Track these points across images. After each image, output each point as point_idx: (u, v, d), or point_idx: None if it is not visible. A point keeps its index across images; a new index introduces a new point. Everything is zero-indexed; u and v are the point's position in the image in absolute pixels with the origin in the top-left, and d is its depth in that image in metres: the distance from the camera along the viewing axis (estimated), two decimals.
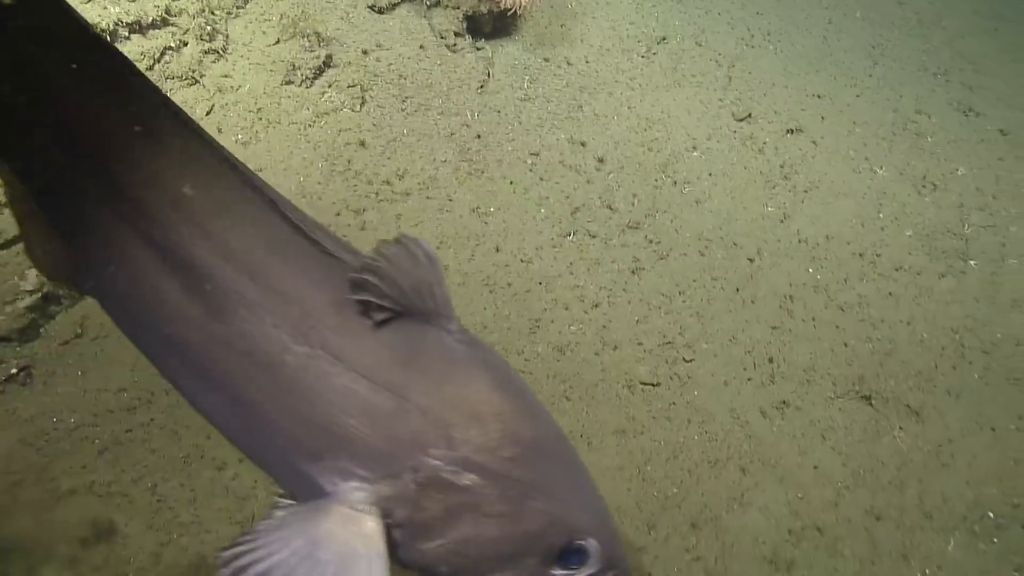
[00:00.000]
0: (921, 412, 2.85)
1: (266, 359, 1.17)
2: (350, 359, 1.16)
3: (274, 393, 1.17)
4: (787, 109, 3.76)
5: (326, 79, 3.31)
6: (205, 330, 1.18)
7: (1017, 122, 4.01)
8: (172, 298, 1.19)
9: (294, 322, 1.16)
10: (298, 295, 1.18)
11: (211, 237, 1.18)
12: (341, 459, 1.15)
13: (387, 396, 1.15)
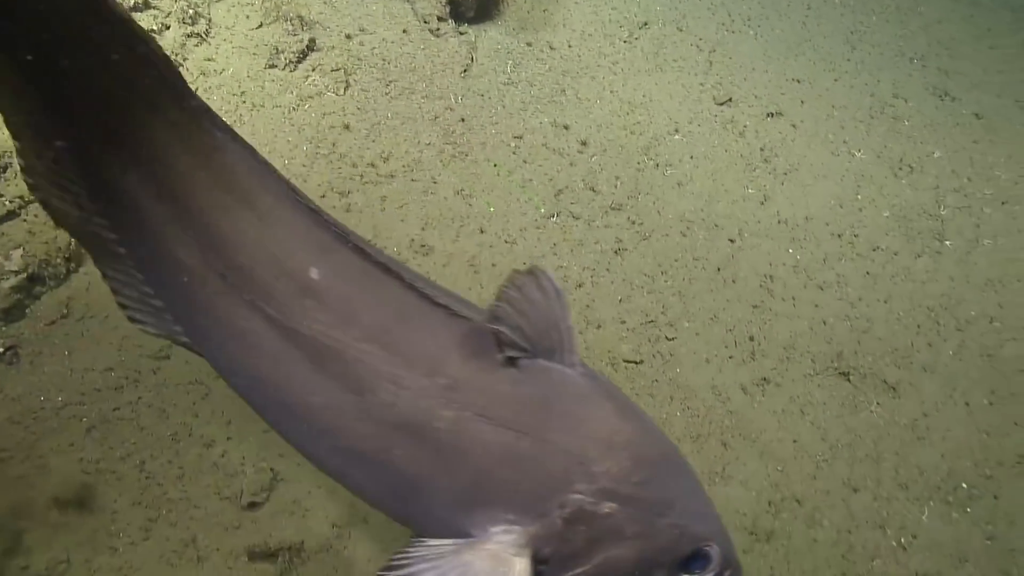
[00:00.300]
0: (897, 387, 2.92)
1: (415, 427, 1.20)
2: (495, 414, 1.20)
3: (424, 457, 1.21)
4: (767, 93, 3.81)
5: (310, 63, 3.32)
6: (346, 406, 1.20)
7: (991, 106, 4.08)
8: (305, 376, 1.21)
9: (439, 390, 1.20)
10: (438, 362, 1.21)
11: (345, 318, 1.20)
12: (492, 508, 1.20)
13: (531, 442, 1.20)
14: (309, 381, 1.21)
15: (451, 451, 1.20)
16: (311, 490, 2.26)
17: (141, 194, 1.29)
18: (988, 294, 3.30)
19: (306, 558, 2.15)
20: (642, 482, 1.23)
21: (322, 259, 1.21)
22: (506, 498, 1.20)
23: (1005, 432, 2.89)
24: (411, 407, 1.19)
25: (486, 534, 1.19)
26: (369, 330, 1.20)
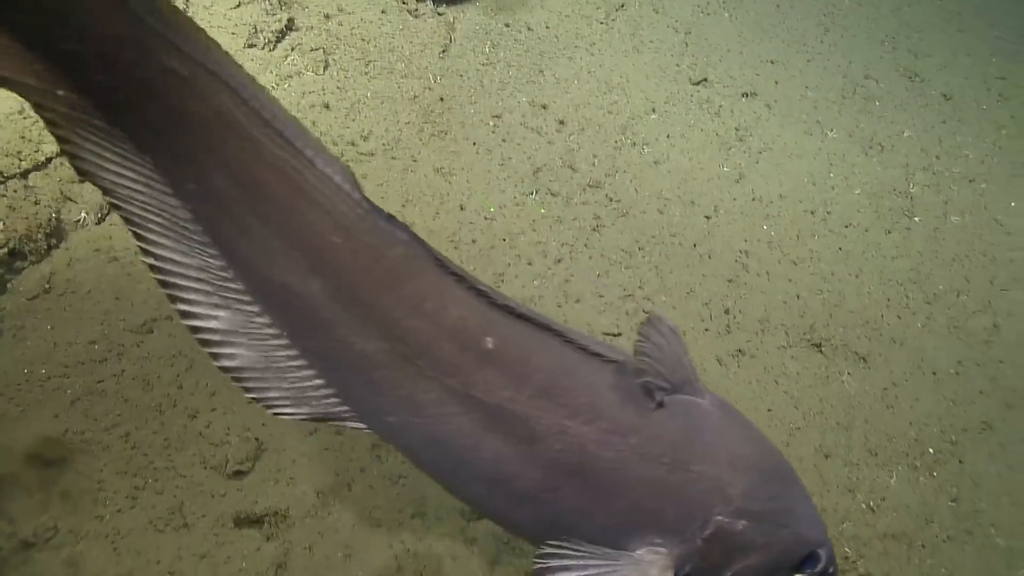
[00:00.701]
0: (868, 358, 3.00)
1: (579, 470, 1.34)
2: (647, 451, 1.34)
3: (585, 494, 1.35)
4: (742, 74, 3.87)
5: (288, 42, 3.33)
6: (518, 457, 1.33)
7: (959, 87, 4.17)
8: (481, 434, 1.33)
9: (600, 434, 1.33)
10: (597, 410, 1.34)
11: (518, 379, 1.32)
12: (642, 533, 1.35)
13: (677, 472, 1.35)
14: (484, 439, 1.34)
15: (609, 487, 1.35)
16: (296, 459, 2.30)
17: (300, 283, 1.32)
18: (955, 269, 3.40)
19: (292, 524, 2.19)
20: (768, 498, 1.40)
21: (493, 329, 1.32)
22: (654, 524, 1.36)
23: (970, 400, 2.99)
24: (576, 452, 1.33)
25: (634, 556, 1.35)
26: (538, 387, 1.33)
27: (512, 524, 1.48)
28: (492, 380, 1.31)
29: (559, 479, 1.34)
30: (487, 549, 2.30)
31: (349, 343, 1.32)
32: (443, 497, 2.35)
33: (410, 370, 1.32)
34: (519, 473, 1.33)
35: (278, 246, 1.28)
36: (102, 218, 2.65)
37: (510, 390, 1.31)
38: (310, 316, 1.32)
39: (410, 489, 2.34)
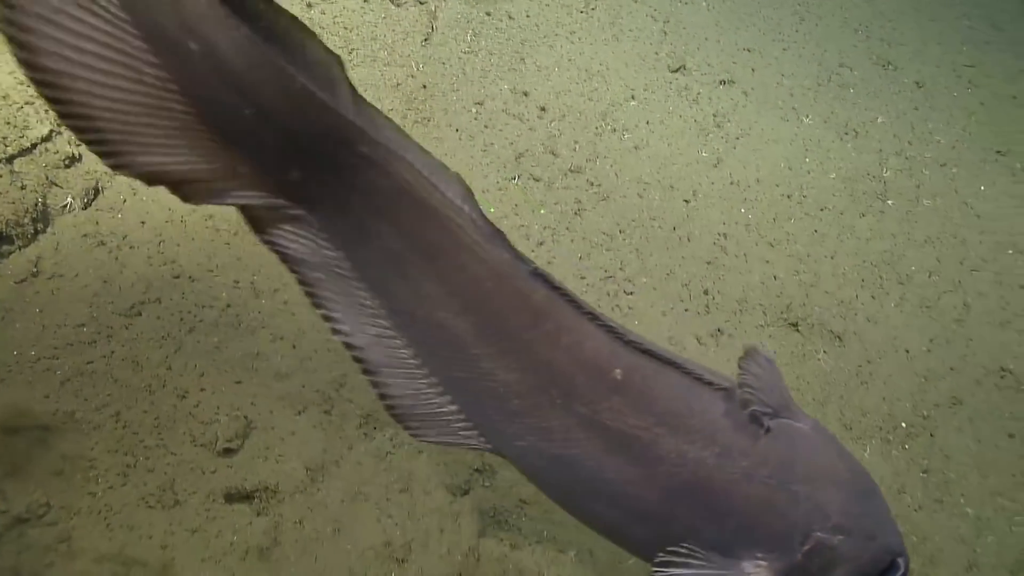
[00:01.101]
0: (843, 337, 3.08)
1: (695, 491, 1.46)
2: (755, 472, 1.47)
3: (698, 513, 1.48)
4: (719, 62, 3.94)
5: None
6: (639, 479, 1.46)
7: (931, 75, 4.27)
8: (606, 458, 1.46)
9: (714, 458, 1.46)
10: (711, 435, 1.46)
11: (643, 407, 1.44)
12: (747, 549, 1.48)
13: (783, 492, 1.48)
14: (608, 461, 1.47)
15: (721, 506, 1.48)
16: (284, 437, 2.34)
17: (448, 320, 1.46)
18: (927, 250, 3.49)
19: (282, 499, 2.23)
20: (858, 513, 1.52)
21: (621, 362, 1.45)
22: (760, 540, 1.49)
23: (941, 376, 3.08)
24: (691, 474, 1.46)
25: (739, 570, 1.48)
26: (659, 414, 1.45)
27: (628, 540, 1.61)
28: (618, 408, 1.44)
29: (675, 499, 1.48)
30: (473, 523, 2.35)
31: (491, 374, 1.47)
32: (430, 473, 2.40)
33: (544, 399, 1.46)
34: (639, 493, 1.48)
35: (436, 290, 1.44)
36: (88, 203, 2.67)
37: (634, 417, 1.45)
38: (458, 350, 1.47)
39: (397, 465, 2.39)
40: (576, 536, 2.39)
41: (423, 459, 2.42)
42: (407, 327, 1.49)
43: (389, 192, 1.38)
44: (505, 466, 2.46)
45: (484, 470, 2.45)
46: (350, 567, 2.18)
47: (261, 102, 1.29)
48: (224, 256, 2.68)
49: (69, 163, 2.71)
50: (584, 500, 1.56)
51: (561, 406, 1.45)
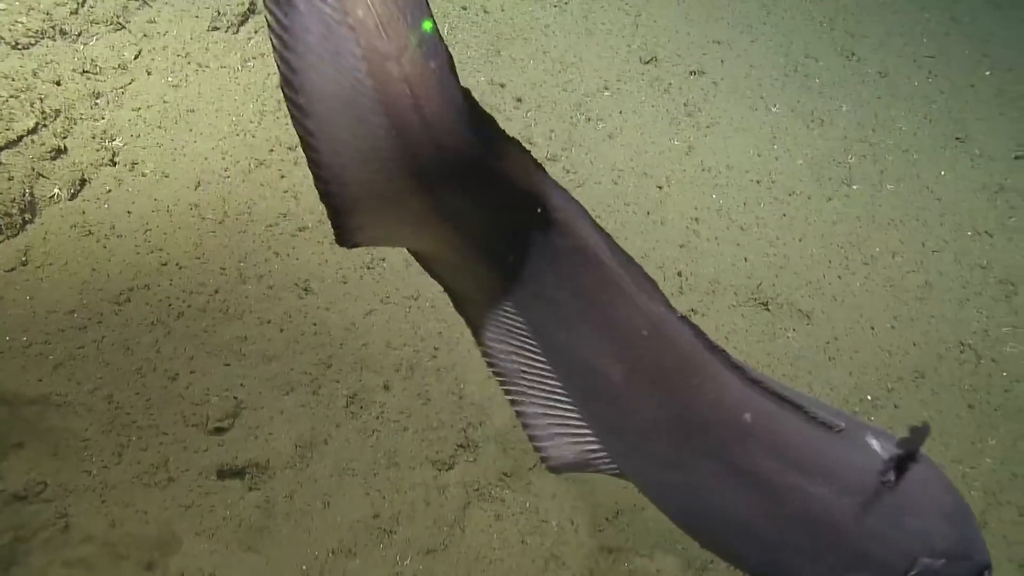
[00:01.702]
0: (811, 315, 3.20)
1: (816, 524, 1.57)
2: (872, 506, 1.56)
3: (820, 544, 1.58)
4: (689, 53, 4.06)
5: (251, 25, 3.42)
6: (766, 514, 1.58)
7: (893, 65, 4.42)
8: (735, 495, 1.58)
9: (834, 494, 1.55)
10: (831, 473, 1.56)
11: (770, 448, 1.55)
12: (855, 572, 1.59)
13: (895, 523, 1.58)
14: (735, 496, 1.59)
15: (839, 538, 1.58)
16: (273, 416, 2.41)
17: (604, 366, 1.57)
18: (891, 232, 3.63)
19: (272, 475, 2.30)
20: (958, 538, 1.63)
21: (750, 405, 1.55)
22: (872, 568, 1.60)
23: (905, 351, 3.21)
24: (812, 509, 1.57)
25: None
26: (782, 454, 1.56)
27: (748, 567, 1.73)
28: (747, 447, 1.57)
29: (797, 531, 1.59)
30: (458, 495, 2.44)
31: (633, 414, 1.59)
32: (415, 449, 2.49)
33: (680, 437, 1.58)
34: (763, 525, 1.60)
35: (594, 336, 1.55)
36: (74, 194, 2.73)
37: (761, 457, 1.57)
38: (605, 390, 1.59)
39: (383, 442, 2.47)
40: (557, 506, 2.48)
41: (408, 436, 2.51)
42: (559, 363, 1.63)
43: (563, 249, 1.53)
44: (488, 442, 2.56)
45: (467, 446, 2.54)
46: (340, 538, 2.26)
47: (469, 184, 1.42)
48: (210, 244, 2.74)
49: (55, 155, 2.77)
50: (712, 531, 1.70)
51: (695, 446, 1.59)
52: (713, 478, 1.60)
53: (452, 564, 2.31)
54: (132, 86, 3.07)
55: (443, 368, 2.68)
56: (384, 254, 2.89)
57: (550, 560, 2.38)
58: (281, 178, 2.98)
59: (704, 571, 2.44)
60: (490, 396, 2.66)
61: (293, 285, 2.71)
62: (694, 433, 1.58)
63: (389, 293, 2.79)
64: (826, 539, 1.60)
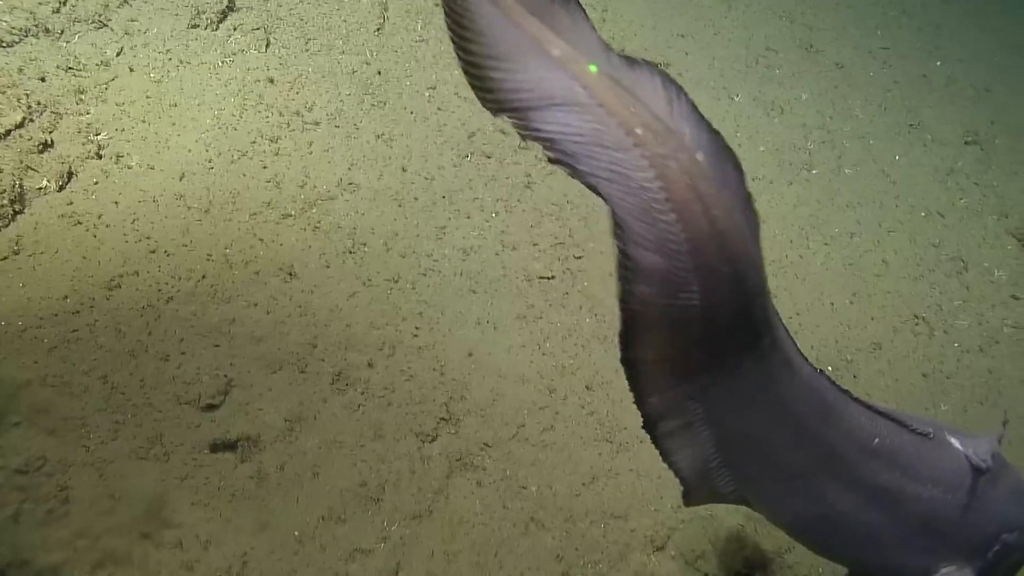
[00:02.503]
0: (774, 292, 3.35)
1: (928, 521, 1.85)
2: (969, 502, 1.84)
3: (930, 537, 1.86)
4: (656, 47, 4.22)
5: (230, 22, 3.51)
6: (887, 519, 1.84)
7: (849, 57, 4.61)
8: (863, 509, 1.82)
9: (940, 493, 1.82)
10: (936, 477, 1.82)
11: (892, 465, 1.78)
12: (950, 556, 1.89)
13: (984, 512, 1.86)
14: (865, 512, 1.84)
15: (944, 530, 1.86)
16: (262, 393, 2.52)
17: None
18: (849, 214, 3.81)
19: (263, 448, 2.41)
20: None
21: (877, 431, 1.78)
22: (959, 548, 1.89)
23: (863, 325, 3.39)
24: (926, 510, 1.84)
25: (943, 570, 1.90)
26: (903, 468, 1.80)
27: (871, 566, 1.99)
28: (875, 468, 1.79)
29: (915, 531, 1.87)
30: (441, 465, 2.56)
31: (779, 458, 1.81)
32: (399, 422, 2.60)
33: (820, 471, 1.81)
34: (890, 531, 1.87)
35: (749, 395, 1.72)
36: (63, 186, 2.81)
37: (886, 473, 1.80)
38: (753, 441, 1.78)
39: (369, 416, 2.58)
40: (535, 473, 2.61)
41: (392, 410, 2.62)
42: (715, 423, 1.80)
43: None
44: (469, 415, 2.68)
45: (449, 419, 2.66)
46: (330, 506, 2.37)
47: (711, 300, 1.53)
48: (197, 232, 2.84)
49: (42, 148, 2.84)
50: (845, 544, 1.96)
51: (833, 476, 1.82)
52: (848, 498, 1.84)
53: (437, 528, 2.43)
54: (115, 82, 3.16)
55: (424, 346, 2.80)
56: (365, 240, 3.01)
57: (530, 523, 2.51)
58: (263, 168, 3.08)
59: (676, 530, 2.58)
60: (470, 372, 2.78)
61: (278, 270, 2.82)
62: (833, 465, 1.81)
63: (371, 276, 2.91)
64: (938, 533, 1.91)
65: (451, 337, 2.85)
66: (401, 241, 3.05)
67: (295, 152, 3.18)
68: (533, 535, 2.49)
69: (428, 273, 3.00)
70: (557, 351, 2.93)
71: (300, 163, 3.15)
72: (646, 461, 2.71)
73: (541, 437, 2.70)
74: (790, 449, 1.81)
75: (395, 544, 2.37)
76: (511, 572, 2.40)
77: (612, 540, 2.53)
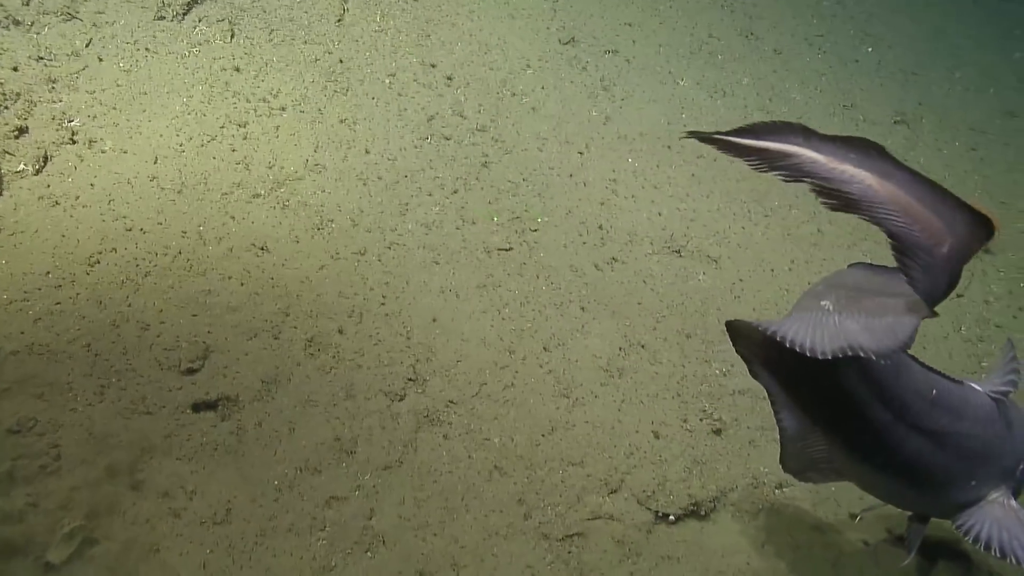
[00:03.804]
0: (719, 261, 3.60)
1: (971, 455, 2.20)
2: (1001, 434, 2.23)
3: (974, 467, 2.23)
4: (604, 35, 4.44)
5: (195, 14, 3.65)
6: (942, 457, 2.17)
7: (787, 43, 4.89)
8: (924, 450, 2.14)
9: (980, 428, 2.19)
10: (979, 417, 2.18)
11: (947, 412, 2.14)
12: (997, 481, 2.28)
13: (1012, 441, 2.24)
14: (926, 452, 2.14)
15: (990, 459, 2.23)
16: (239, 357, 2.68)
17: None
18: (788, 188, 4.04)
19: (242, 407, 2.57)
20: None
21: (933, 385, 2.12)
22: (999, 474, 2.26)
23: (801, 289, 3.60)
24: (971, 444, 2.19)
25: (995, 494, 2.27)
26: (953, 413, 2.14)
27: (932, 505, 2.37)
28: (935, 415, 2.11)
29: (964, 462, 2.20)
30: (410, 421, 2.74)
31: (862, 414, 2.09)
32: (369, 382, 2.78)
33: (896, 421, 2.09)
34: (943, 466, 2.18)
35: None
36: (39, 169, 2.93)
37: (943, 419, 2.13)
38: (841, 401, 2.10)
39: (340, 378, 2.76)
40: (497, 426, 2.81)
41: (362, 372, 2.80)
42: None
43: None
44: (435, 375, 2.87)
45: (416, 379, 2.84)
46: (306, 458, 2.54)
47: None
48: (171, 211, 2.98)
49: (18, 134, 2.97)
50: (911, 487, 2.27)
51: (907, 424, 2.11)
52: (914, 442, 2.14)
53: (406, 477, 2.61)
54: (86, 71, 3.28)
55: (391, 313, 2.98)
56: (332, 216, 3.18)
57: (493, 471, 2.71)
58: (232, 151, 3.23)
59: (628, 474, 2.80)
60: (434, 337, 2.97)
61: (250, 245, 2.98)
62: (905, 415, 2.11)
63: (338, 250, 3.08)
64: (984, 464, 2.25)
65: (416, 305, 3.04)
66: (366, 217, 3.22)
67: (262, 136, 3.33)
68: (496, 482, 2.69)
69: (393, 247, 3.18)
70: (516, 316, 3.13)
71: (268, 146, 3.31)
72: (600, 413, 2.93)
73: (502, 394, 2.89)
74: (871, 406, 2.11)
75: (368, 492, 2.55)
76: (476, 515, 2.60)
77: (570, 484, 2.74)
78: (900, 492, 2.38)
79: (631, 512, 2.72)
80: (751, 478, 2.90)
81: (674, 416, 3.00)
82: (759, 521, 2.80)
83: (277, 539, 2.36)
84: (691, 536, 2.73)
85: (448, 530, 2.53)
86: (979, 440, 2.20)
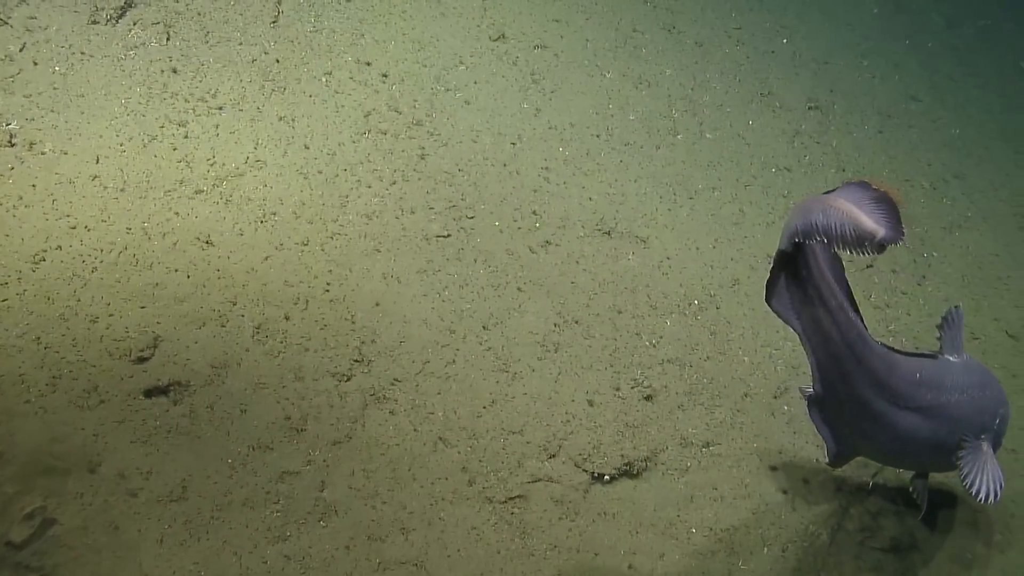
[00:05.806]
0: (647, 241, 3.82)
1: (954, 419, 2.62)
2: (973, 393, 2.65)
3: (964, 425, 2.64)
4: (533, 31, 4.63)
5: (130, 18, 3.72)
6: (928, 425, 2.59)
7: (707, 36, 5.15)
8: (912, 422, 2.57)
9: (959, 393, 2.62)
10: (953, 383, 2.63)
11: (932, 388, 2.58)
12: (977, 433, 2.66)
13: (983, 400, 2.67)
14: (913, 423, 2.57)
15: (973, 420, 2.65)
16: (189, 345, 2.78)
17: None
18: (710, 172, 4.31)
19: (194, 391, 2.67)
20: (1004, 395, 2.81)
21: (919, 368, 2.56)
22: (977, 427, 2.66)
23: (724, 266, 3.88)
24: (951, 411, 2.61)
25: (975, 443, 2.65)
26: (934, 388, 2.58)
27: (929, 464, 2.80)
28: (920, 393, 2.54)
29: (951, 426, 2.60)
30: (357, 400, 2.88)
31: (857, 397, 2.48)
32: (317, 365, 2.91)
33: (892, 407, 2.52)
34: (934, 431, 2.58)
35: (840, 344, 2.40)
36: None
37: (929, 395, 2.55)
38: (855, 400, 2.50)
39: (288, 361, 2.88)
40: (441, 401, 2.97)
41: (310, 355, 2.93)
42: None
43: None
44: (379, 356, 3.01)
45: (362, 360, 2.98)
46: (258, 437, 2.66)
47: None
48: (114, 209, 3.06)
49: None
50: (904, 453, 2.72)
51: (894, 404, 2.51)
52: (907, 418, 2.54)
53: (355, 451, 2.75)
54: (21, 75, 3.33)
55: (335, 300, 3.11)
56: (275, 210, 3.29)
57: (438, 442, 2.87)
58: (174, 150, 3.32)
59: (565, 440, 2.98)
60: (378, 320, 3.11)
61: (195, 239, 3.07)
62: (897, 399, 2.52)
63: (282, 241, 3.20)
64: (967, 425, 2.64)
65: (359, 291, 3.17)
66: (308, 210, 3.35)
67: (203, 135, 3.43)
68: (441, 452, 2.84)
69: (335, 236, 3.31)
70: (455, 298, 3.29)
71: (208, 144, 3.40)
72: (538, 385, 3.11)
73: (445, 371, 3.05)
74: (875, 402, 2.50)
75: (319, 466, 2.68)
76: (423, 483, 2.75)
77: (511, 451, 2.91)
78: (900, 459, 2.84)
79: (569, 474, 2.91)
80: (680, 439, 3.12)
81: (607, 385, 3.20)
82: (687, 477, 3.02)
83: (233, 513, 2.48)
84: (625, 494, 2.93)
85: (396, 498, 2.68)
86: (959, 405, 2.62)
